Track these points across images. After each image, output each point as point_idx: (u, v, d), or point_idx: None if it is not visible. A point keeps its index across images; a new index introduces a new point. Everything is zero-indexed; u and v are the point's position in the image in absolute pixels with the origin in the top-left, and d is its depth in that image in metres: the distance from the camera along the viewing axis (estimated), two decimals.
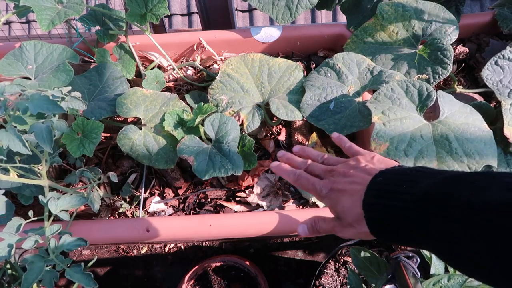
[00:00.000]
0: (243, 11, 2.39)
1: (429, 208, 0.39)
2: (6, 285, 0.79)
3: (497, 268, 0.33)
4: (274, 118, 0.98)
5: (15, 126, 0.61)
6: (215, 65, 1.11)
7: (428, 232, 0.39)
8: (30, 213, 0.71)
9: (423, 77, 0.91)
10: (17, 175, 0.73)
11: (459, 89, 1.00)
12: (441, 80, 0.93)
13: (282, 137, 0.99)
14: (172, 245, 1.21)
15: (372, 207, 0.45)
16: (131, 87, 0.95)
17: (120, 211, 0.93)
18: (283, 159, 0.62)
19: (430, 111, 0.84)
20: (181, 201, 0.94)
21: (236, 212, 0.91)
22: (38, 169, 0.75)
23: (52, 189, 0.77)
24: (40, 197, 0.72)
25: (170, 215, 0.92)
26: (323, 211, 0.82)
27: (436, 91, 0.82)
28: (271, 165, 0.62)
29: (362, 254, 0.81)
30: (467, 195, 0.37)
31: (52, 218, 0.72)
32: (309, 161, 0.59)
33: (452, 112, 0.81)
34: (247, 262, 1.07)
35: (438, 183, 0.40)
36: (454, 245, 0.36)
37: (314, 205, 0.89)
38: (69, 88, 0.70)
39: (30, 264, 0.64)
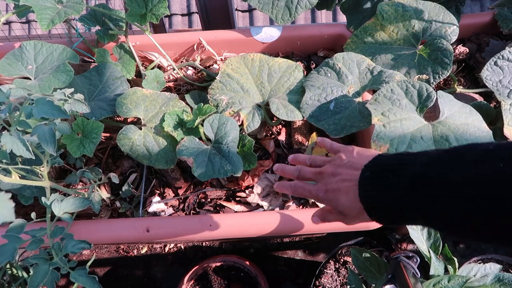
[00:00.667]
0: (243, 11, 2.39)
1: (417, 190, 0.43)
2: (7, 285, 0.79)
3: (484, 228, 0.39)
4: (274, 118, 0.98)
5: (19, 129, 0.62)
6: (215, 65, 1.11)
7: (421, 210, 0.44)
8: (33, 214, 0.71)
9: (423, 77, 0.91)
10: (18, 176, 0.73)
11: (459, 89, 1.00)
12: (441, 80, 0.93)
13: (282, 137, 0.99)
14: (172, 245, 1.21)
15: (369, 202, 0.49)
16: (131, 87, 0.95)
17: (120, 211, 0.93)
18: (278, 172, 0.66)
19: (430, 112, 0.84)
20: (181, 201, 0.94)
21: (236, 212, 0.91)
22: (40, 170, 0.75)
23: (53, 189, 0.77)
24: (43, 199, 0.72)
25: (170, 215, 0.92)
26: None
27: (436, 91, 0.82)
28: (274, 187, 0.65)
29: (362, 254, 0.81)
30: (444, 173, 0.42)
31: (55, 219, 0.72)
32: (300, 168, 0.62)
33: (452, 113, 0.81)
34: (247, 262, 1.07)
35: (417, 168, 0.45)
36: (445, 216, 0.42)
37: (314, 205, 0.89)
38: (72, 89, 0.70)
39: (35, 267, 0.65)
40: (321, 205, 0.89)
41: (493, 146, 0.40)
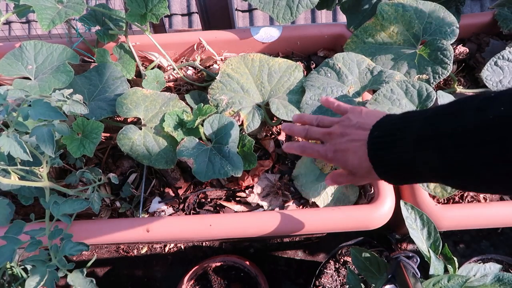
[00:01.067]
0: (243, 11, 2.39)
1: (422, 144, 0.44)
2: (7, 285, 0.79)
3: (488, 174, 0.39)
4: (274, 118, 0.98)
5: (17, 131, 0.62)
6: (215, 65, 1.11)
7: (427, 164, 0.44)
8: (32, 216, 0.71)
9: (423, 77, 0.91)
10: (18, 177, 0.73)
11: (459, 89, 1.00)
12: (441, 80, 0.93)
13: (282, 137, 0.99)
14: (172, 245, 1.21)
15: (378, 160, 0.50)
16: (131, 87, 0.95)
17: (120, 211, 0.93)
18: (285, 131, 0.66)
19: None
20: (181, 201, 0.94)
21: (236, 212, 0.91)
22: (39, 170, 0.75)
23: (52, 190, 0.77)
24: (42, 200, 0.72)
25: (170, 215, 0.92)
26: (324, 210, 0.82)
27: (436, 91, 0.82)
28: (283, 147, 0.66)
29: (362, 254, 0.81)
30: (446, 125, 0.42)
31: (54, 220, 0.72)
32: (308, 128, 0.62)
33: None
34: (247, 262, 1.07)
35: (422, 122, 0.45)
36: (450, 166, 0.42)
37: (314, 205, 0.89)
38: (71, 90, 0.70)
39: (32, 269, 0.65)
40: (321, 205, 0.89)
41: (494, 93, 0.41)
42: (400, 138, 0.47)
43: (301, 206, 0.91)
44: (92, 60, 1.09)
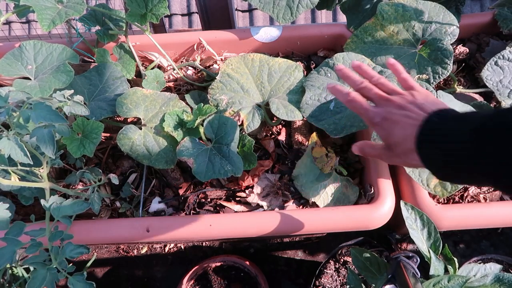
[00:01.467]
0: (243, 11, 2.39)
1: (483, 136, 0.42)
2: (7, 285, 0.79)
3: None
4: (274, 118, 0.98)
5: (17, 133, 0.62)
6: (215, 65, 1.11)
7: (481, 157, 0.42)
8: (32, 217, 0.71)
9: (423, 77, 0.91)
10: (18, 178, 0.73)
11: (459, 89, 1.00)
12: (441, 80, 0.93)
13: (282, 137, 0.99)
14: (172, 245, 1.21)
15: (426, 143, 0.48)
16: (131, 87, 0.95)
17: (120, 211, 0.93)
18: (340, 73, 0.63)
19: None
20: (181, 201, 0.94)
21: (236, 212, 0.91)
22: (39, 171, 0.75)
23: (52, 190, 0.77)
24: (42, 201, 0.72)
25: (170, 215, 0.92)
26: (324, 210, 0.82)
27: (436, 91, 0.82)
28: (327, 85, 0.62)
29: (362, 254, 0.81)
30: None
31: (54, 221, 0.72)
32: (365, 82, 0.59)
33: None
34: (247, 262, 1.07)
35: (489, 116, 0.43)
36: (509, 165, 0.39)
37: (314, 205, 0.89)
38: (72, 91, 0.70)
39: (33, 272, 0.65)
40: (321, 205, 0.89)
41: None
42: (458, 128, 0.45)
43: (301, 206, 0.91)
44: (92, 60, 1.09)
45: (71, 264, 0.70)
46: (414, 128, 0.50)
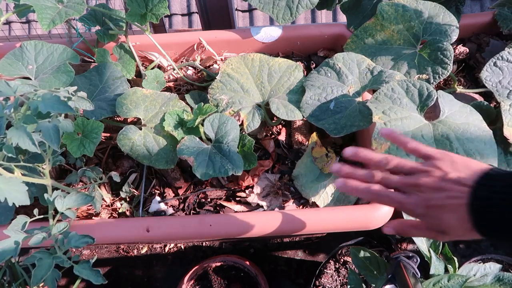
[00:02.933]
0: (243, 11, 2.39)
1: None
2: (7, 285, 0.79)
3: None
4: (274, 118, 0.98)
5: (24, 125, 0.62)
6: (215, 65, 1.11)
7: None
8: (35, 211, 0.71)
9: (423, 77, 0.91)
10: (21, 173, 0.73)
11: (459, 89, 1.00)
12: (441, 80, 0.93)
13: (282, 137, 1.00)
14: (172, 245, 1.21)
15: (487, 224, 0.45)
16: (131, 87, 0.95)
17: (120, 211, 0.93)
18: (341, 174, 0.55)
19: (431, 111, 0.84)
20: (181, 201, 0.94)
21: (236, 212, 0.91)
22: (42, 168, 0.76)
23: (54, 188, 0.77)
24: (46, 195, 0.72)
25: (170, 215, 0.92)
26: (324, 210, 0.82)
27: (436, 91, 0.82)
28: (336, 184, 0.54)
29: (362, 254, 0.81)
30: None
31: (57, 217, 0.72)
32: (378, 174, 0.53)
33: (452, 112, 0.82)
34: (247, 262, 1.07)
35: None
36: None
37: (314, 205, 0.89)
38: (75, 87, 0.70)
39: (39, 260, 0.65)
40: (321, 205, 0.89)
41: None
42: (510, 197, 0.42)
43: (301, 206, 0.91)
44: (92, 60, 1.09)
45: (76, 254, 0.70)
46: (463, 208, 0.46)
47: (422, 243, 0.77)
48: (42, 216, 0.72)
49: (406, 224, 0.53)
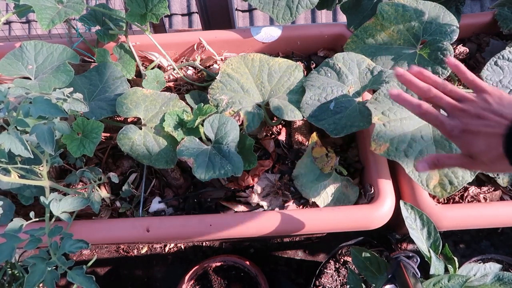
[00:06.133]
0: (243, 11, 2.39)
1: None
2: (7, 285, 0.79)
3: None
4: (274, 118, 0.98)
5: (18, 129, 0.62)
6: (215, 65, 1.11)
7: None
8: (31, 214, 0.71)
9: None
10: (18, 176, 0.73)
11: (460, 89, 1.00)
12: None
13: (282, 137, 0.99)
14: (172, 245, 1.21)
15: None
16: (131, 87, 0.95)
17: (120, 211, 0.93)
18: (402, 78, 0.58)
19: None
20: (181, 201, 0.94)
21: (236, 212, 0.91)
22: (39, 169, 0.75)
23: (52, 189, 0.77)
24: (42, 198, 0.72)
25: (170, 215, 0.92)
26: (324, 210, 0.82)
27: None
28: (390, 92, 0.58)
29: (363, 254, 0.81)
30: None
31: (53, 219, 0.72)
32: (433, 91, 0.56)
33: None
34: (247, 262, 1.07)
35: None
36: None
37: (314, 204, 0.89)
38: (71, 89, 0.70)
39: (32, 266, 0.65)
40: (321, 205, 0.89)
41: None
42: None
43: (301, 206, 0.91)
44: (92, 60, 1.09)
45: (70, 260, 0.69)
46: (498, 138, 0.49)
47: (422, 243, 0.77)
48: (39, 219, 0.72)
49: (442, 156, 0.56)
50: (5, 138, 0.59)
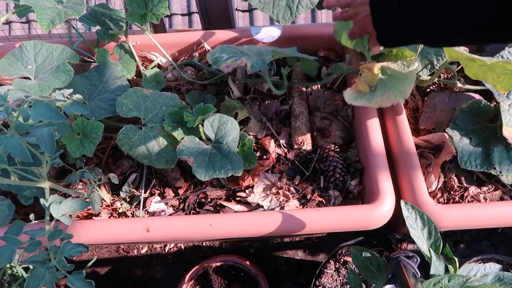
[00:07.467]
0: (243, 11, 2.39)
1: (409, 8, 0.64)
2: (7, 285, 0.79)
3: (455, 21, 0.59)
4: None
5: (17, 131, 0.61)
6: None
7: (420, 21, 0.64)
8: (31, 216, 0.71)
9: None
10: (17, 177, 0.73)
11: (459, 84, 0.99)
12: (443, 74, 0.93)
13: (282, 137, 0.99)
14: (172, 245, 1.21)
15: (377, 21, 0.72)
16: (131, 87, 0.95)
17: (120, 211, 0.92)
18: (330, 3, 0.87)
19: None
20: (181, 201, 0.94)
21: (236, 212, 0.91)
22: (39, 170, 0.75)
23: (52, 190, 0.77)
24: (42, 200, 0.72)
25: (170, 215, 0.92)
26: (324, 210, 0.82)
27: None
28: (333, 14, 0.88)
29: (363, 254, 0.81)
30: None
31: (53, 220, 0.72)
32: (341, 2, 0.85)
33: None
34: (247, 262, 1.07)
35: None
36: (433, 19, 0.62)
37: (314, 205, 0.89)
38: (71, 90, 0.70)
39: (32, 271, 0.64)
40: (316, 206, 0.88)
41: None
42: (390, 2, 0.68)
43: (301, 206, 0.91)
44: (92, 60, 1.09)
45: (70, 264, 0.69)
46: (366, 6, 0.74)
47: (422, 243, 0.77)
48: (40, 221, 0.72)
49: (351, 29, 0.84)
50: (4, 142, 0.59)
